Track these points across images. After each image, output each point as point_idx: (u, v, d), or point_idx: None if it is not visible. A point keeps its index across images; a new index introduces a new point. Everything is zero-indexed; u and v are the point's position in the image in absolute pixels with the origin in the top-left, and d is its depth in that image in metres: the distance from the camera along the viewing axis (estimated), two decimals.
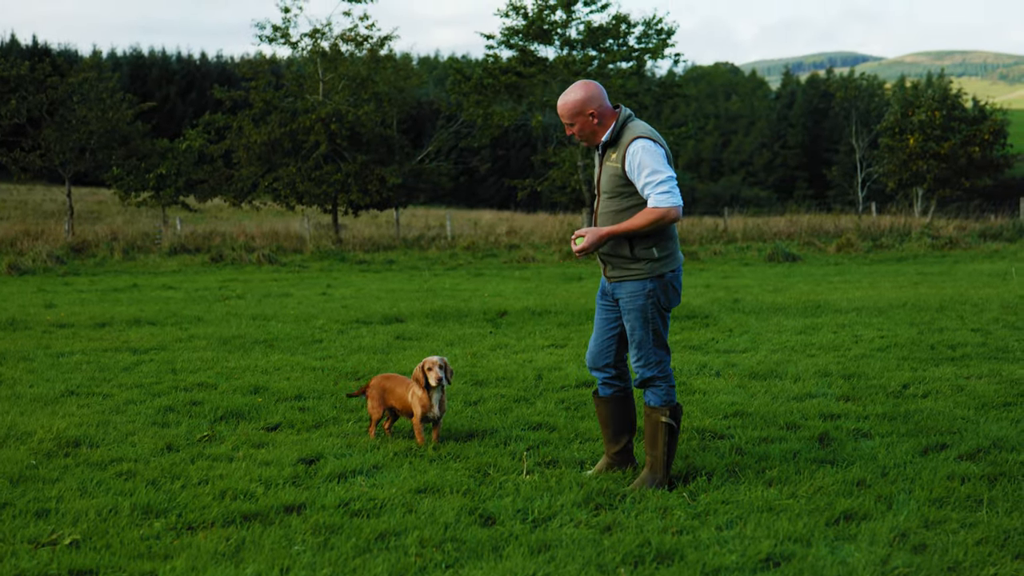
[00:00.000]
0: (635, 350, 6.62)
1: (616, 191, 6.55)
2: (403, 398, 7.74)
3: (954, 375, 10.01)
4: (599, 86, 6.63)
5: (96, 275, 26.01)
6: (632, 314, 6.58)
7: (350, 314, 15.85)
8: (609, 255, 6.61)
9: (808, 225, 39.36)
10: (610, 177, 6.56)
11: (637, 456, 7.18)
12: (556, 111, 6.04)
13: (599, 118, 6.57)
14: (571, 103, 6.55)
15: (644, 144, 6.42)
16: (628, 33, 41.96)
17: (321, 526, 5.72)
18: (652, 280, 6.53)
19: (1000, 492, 6.15)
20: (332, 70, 39.23)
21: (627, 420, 6.94)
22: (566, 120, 6.59)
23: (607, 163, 6.59)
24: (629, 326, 6.62)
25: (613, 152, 6.55)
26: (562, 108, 6.59)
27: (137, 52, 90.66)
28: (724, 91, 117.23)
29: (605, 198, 6.61)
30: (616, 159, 6.52)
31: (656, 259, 6.52)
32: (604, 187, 6.61)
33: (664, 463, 6.55)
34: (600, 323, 6.87)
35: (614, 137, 6.56)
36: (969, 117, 46.14)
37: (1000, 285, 19.65)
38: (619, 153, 6.50)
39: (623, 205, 6.52)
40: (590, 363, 6.93)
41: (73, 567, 5.12)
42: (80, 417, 8.51)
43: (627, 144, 6.47)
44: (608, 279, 6.71)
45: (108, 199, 53.52)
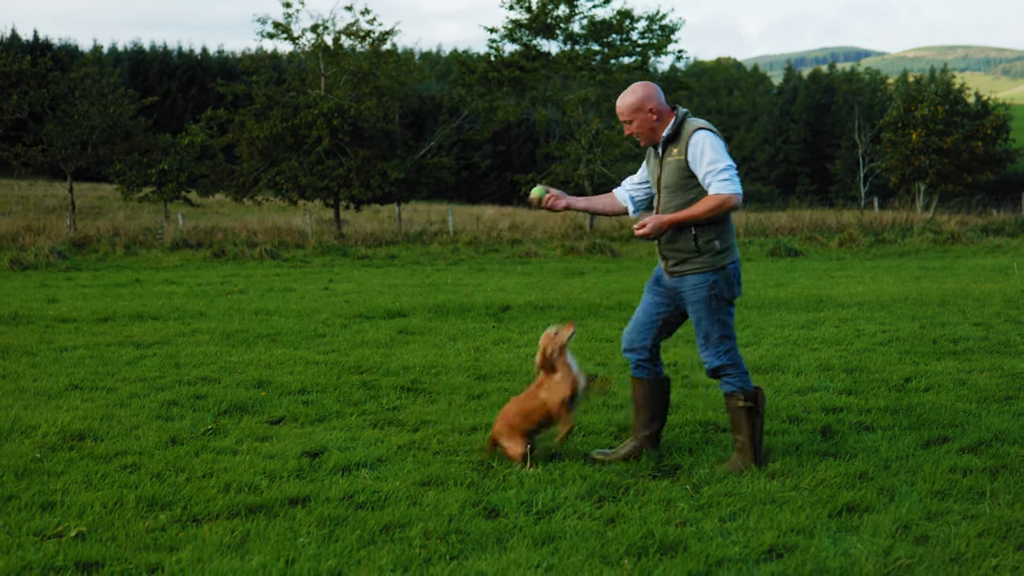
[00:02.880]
0: (702, 341, 6.80)
1: (680, 184, 6.72)
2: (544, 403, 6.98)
3: (956, 369, 10.03)
4: (656, 86, 6.85)
5: (98, 270, 26.03)
6: (697, 306, 6.76)
7: (352, 309, 15.87)
8: (673, 249, 6.77)
9: (810, 220, 39.35)
10: (673, 171, 6.74)
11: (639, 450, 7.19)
12: (561, 107, 6.08)
13: (658, 115, 6.76)
14: (631, 101, 6.75)
15: (706, 135, 6.66)
16: (631, 28, 41.97)
17: (326, 518, 5.75)
18: (714, 272, 6.73)
19: (1002, 484, 6.17)
20: (334, 65, 39.21)
21: (662, 405, 7.08)
22: (625, 117, 6.75)
23: (669, 158, 6.76)
24: (695, 318, 6.80)
25: (675, 147, 6.74)
26: (621, 106, 6.78)
27: (138, 47, 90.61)
28: (726, 86, 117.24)
29: (667, 193, 6.77)
30: (679, 152, 6.70)
31: (718, 251, 6.71)
32: (667, 182, 6.77)
33: (752, 445, 6.73)
34: (647, 306, 7.02)
35: (675, 132, 6.74)
36: (972, 112, 46.10)
37: (1002, 280, 19.66)
38: (681, 146, 6.70)
39: (687, 198, 6.71)
40: (626, 343, 7.07)
41: (79, 559, 5.14)
42: (84, 411, 8.54)
43: (689, 136, 6.67)
44: (670, 274, 6.86)
45: (110, 194, 53.57)
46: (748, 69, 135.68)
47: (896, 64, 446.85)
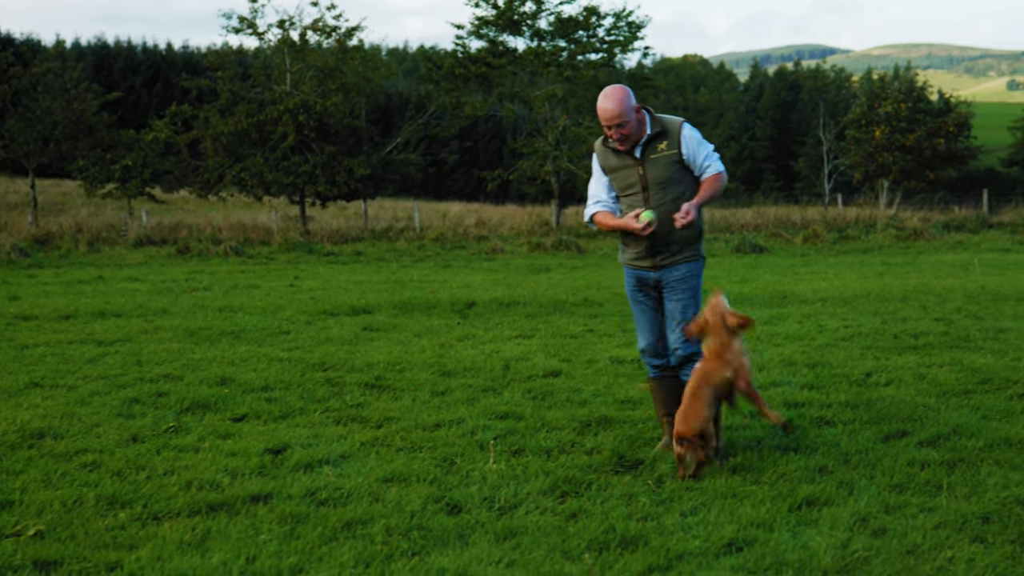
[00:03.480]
0: (675, 327, 6.91)
1: (674, 178, 6.83)
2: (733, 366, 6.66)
3: (916, 364, 10.12)
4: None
5: (61, 267, 25.83)
6: (686, 294, 6.92)
7: (318, 305, 15.83)
8: (672, 240, 6.85)
9: (775, 217, 39.54)
10: (666, 166, 6.82)
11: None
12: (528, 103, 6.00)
13: (640, 114, 6.83)
14: (626, 102, 6.72)
15: (691, 127, 6.91)
16: (598, 25, 42.01)
17: (287, 515, 5.74)
18: (702, 259, 7.02)
19: (959, 477, 6.23)
20: (300, 61, 39.05)
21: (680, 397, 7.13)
22: (622, 119, 6.70)
23: (655, 155, 6.82)
24: (680, 305, 6.90)
25: (662, 143, 6.82)
26: (618, 108, 6.69)
27: (102, 42, 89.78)
28: (693, 84, 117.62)
29: (660, 190, 6.83)
30: (669, 147, 6.81)
31: (703, 236, 7.01)
32: (659, 179, 6.82)
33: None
34: (650, 313, 7.13)
35: (661, 129, 6.81)
36: (934, 110, 46.44)
37: (963, 276, 19.84)
38: (672, 140, 6.81)
39: (679, 191, 6.85)
40: (652, 348, 7.14)
41: (37, 558, 5.11)
42: (44, 409, 8.48)
43: (678, 130, 6.83)
44: (656, 268, 6.94)
45: (73, 191, 53.05)
46: (714, 66, 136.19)
47: (861, 62, 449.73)
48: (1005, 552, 5.06)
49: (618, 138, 6.77)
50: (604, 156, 7.00)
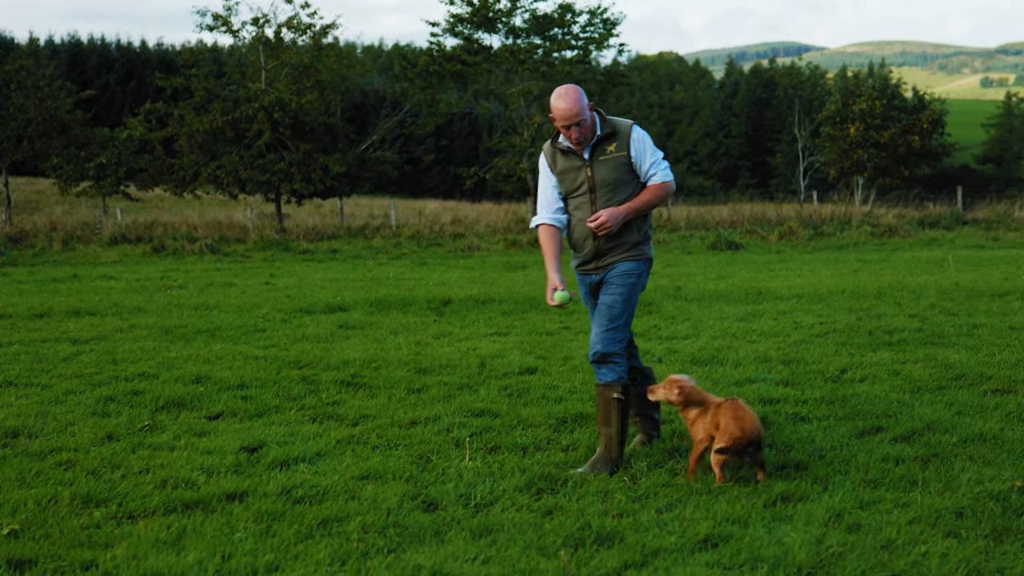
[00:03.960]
0: (606, 323, 6.73)
1: (622, 180, 6.72)
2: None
3: (891, 360, 10.17)
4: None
5: (35, 266, 25.68)
6: (620, 290, 6.75)
7: (293, 303, 15.79)
8: (615, 244, 6.75)
9: (751, 214, 39.67)
10: (614, 168, 6.71)
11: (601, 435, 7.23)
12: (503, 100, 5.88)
13: (592, 114, 6.74)
14: (581, 100, 6.60)
15: (642, 130, 6.80)
16: (573, 22, 42.05)
17: (263, 513, 5.73)
18: (645, 261, 6.85)
19: (933, 473, 6.27)
20: (274, 58, 38.96)
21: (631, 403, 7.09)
22: (580, 118, 6.58)
23: (604, 157, 6.71)
24: (611, 299, 6.74)
25: (611, 144, 6.72)
26: (576, 107, 6.57)
27: (75, 39, 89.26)
28: (668, 81, 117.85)
29: (607, 191, 6.72)
30: (618, 148, 6.71)
31: (649, 240, 6.88)
32: (606, 180, 6.71)
33: (619, 441, 6.67)
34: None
35: (610, 130, 6.72)
36: (909, 107, 46.72)
37: (937, 272, 19.96)
38: (621, 142, 6.71)
39: (626, 193, 6.73)
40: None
41: (12, 557, 5.09)
42: (18, 408, 8.44)
43: (628, 132, 6.73)
44: (599, 269, 6.84)
45: (47, 189, 52.79)
46: (690, 63, 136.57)
47: (836, 59, 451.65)
48: (979, 547, 5.09)
49: (577, 137, 6.64)
50: (553, 157, 6.87)
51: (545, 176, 6.92)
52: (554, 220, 6.89)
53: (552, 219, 6.89)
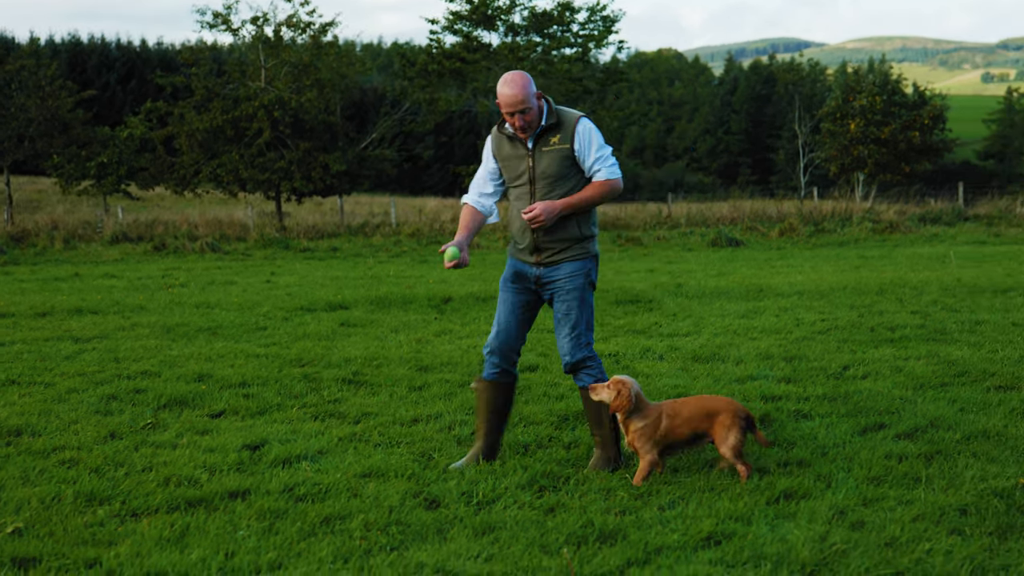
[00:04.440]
0: (570, 331, 6.61)
1: (562, 173, 6.52)
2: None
3: (893, 356, 10.17)
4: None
5: (36, 264, 25.69)
6: (572, 294, 6.60)
7: (294, 301, 15.79)
8: (554, 239, 6.56)
9: (751, 210, 39.67)
10: (555, 160, 6.50)
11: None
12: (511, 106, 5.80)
13: (540, 102, 6.55)
14: (528, 87, 6.42)
15: (590, 123, 6.59)
16: (572, 20, 42.06)
17: (266, 511, 5.73)
18: (590, 259, 6.67)
19: (936, 470, 6.27)
20: (274, 57, 38.97)
21: (511, 406, 6.93)
22: (525, 105, 6.39)
23: (547, 148, 6.51)
24: (566, 307, 6.60)
25: (555, 136, 6.51)
26: (522, 93, 6.38)
27: (76, 39, 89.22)
28: (668, 77, 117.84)
29: (547, 184, 6.52)
30: (562, 140, 6.50)
31: (593, 236, 6.68)
32: (547, 172, 6.51)
33: (613, 440, 6.62)
34: (513, 307, 6.73)
35: (555, 120, 6.53)
36: (909, 102, 46.71)
37: (939, 268, 19.95)
38: (565, 134, 6.51)
39: (567, 187, 6.53)
40: (501, 348, 6.73)
41: (16, 555, 5.09)
42: (21, 406, 8.44)
43: (574, 124, 6.52)
44: (541, 264, 6.62)
45: (48, 188, 52.81)
46: (689, 60, 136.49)
47: (835, 55, 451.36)
48: (983, 544, 5.09)
49: (521, 125, 6.45)
50: (498, 143, 6.67)
51: (486, 159, 6.79)
52: (477, 203, 6.78)
53: (476, 202, 6.78)
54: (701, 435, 6.32)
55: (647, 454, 6.24)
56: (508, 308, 6.74)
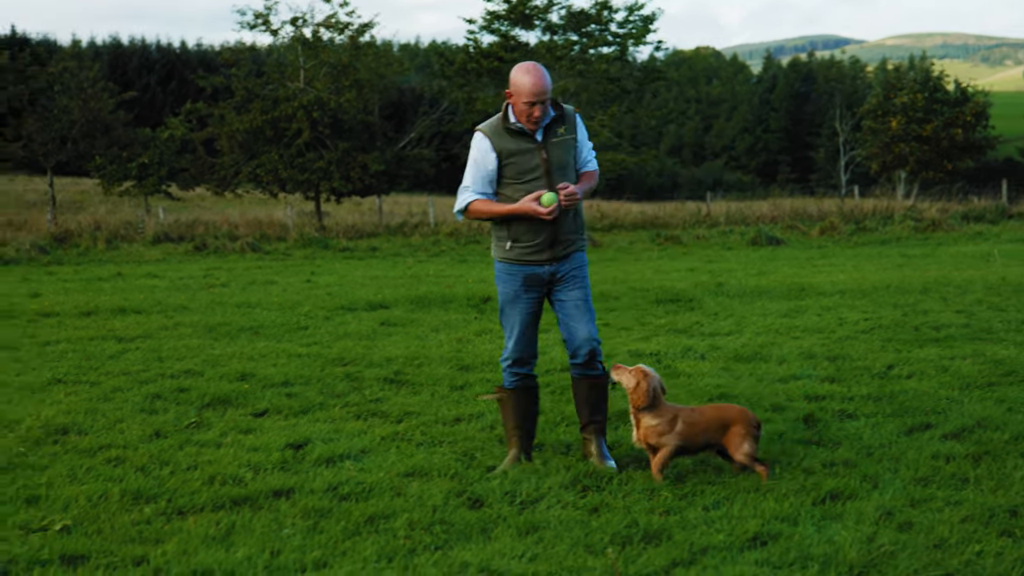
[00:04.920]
0: (589, 318, 6.68)
1: (569, 163, 6.60)
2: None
3: (938, 356, 10.07)
4: None
5: (80, 264, 25.92)
6: (583, 282, 6.72)
7: (335, 301, 15.85)
8: (567, 229, 6.60)
9: (791, 209, 39.43)
10: (565, 151, 6.57)
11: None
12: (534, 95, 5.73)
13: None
14: (547, 77, 6.43)
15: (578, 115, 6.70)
16: (610, 19, 41.98)
17: (310, 510, 5.75)
18: (585, 248, 6.81)
19: (985, 471, 6.20)
20: (313, 57, 39.12)
21: (538, 408, 6.97)
22: (547, 95, 6.40)
23: (557, 139, 6.54)
24: (582, 295, 6.68)
25: (561, 127, 6.57)
26: (543, 82, 6.37)
27: (116, 41, 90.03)
28: (705, 76, 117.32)
29: (560, 175, 6.54)
30: (567, 131, 6.57)
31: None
32: (559, 163, 6.54)
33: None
34: (530, 318, 6.71)
35: (560, 112, 6.60)
36: (951, 99, 46.28)
37: (983, 267, 19.75)
38: (569, 124, 6.59)
39: (570, 177, 6.62)
40: (523, 357, 6.72)
41: (64, 552, 5.13)
42: (68, 405, 8.51)
43: (573, 115, 6.64)
44: (555, 260, 6.60)
45: (90, 189, 53.22)
46: (727, 58, 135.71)
47: (875, 52, 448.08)
48: None
49: (539, 115, 6.42)
50: (500, 140, 6.50)
51: (481, 162, 6.54)
52: (486, 197, 6.60)
53: (485, 196, 6.59)
54: (713, 444, 6.31)
55: (665, 445, 6.23)
56: (525, 318, 6.69)
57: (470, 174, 6.58)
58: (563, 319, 6.72)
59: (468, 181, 6.58)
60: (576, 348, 6.69)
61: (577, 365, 6.77)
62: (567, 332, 6.72)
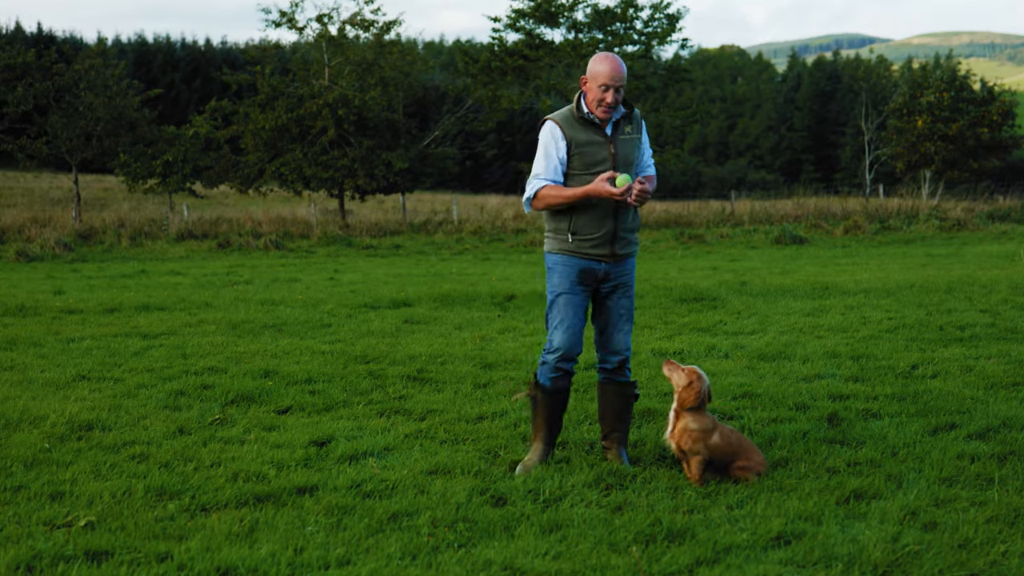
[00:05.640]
0: (629, 330, 6.71)
1: (634, 162, 6.59)
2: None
3: (963, 356, 10.01)
4: None
5: (104, 261, 26.06)
6: (631, 290, 6.71)
7: (358, 299, 15.88)
8: (627, 228, 6.59)
9: (815, 208, 39.29)
10: (631, 149, 6.56)
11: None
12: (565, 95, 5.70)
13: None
14: (624, 68, 6.44)
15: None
16: (635, 17, 41.90)
17: (333, 507, 5.76)
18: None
19: (1010, 471, 6.17)
20: (338, 55, 39.21)
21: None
22: (621, 83, 6.38)
23: (624, 136, 6.53)
24: (627, 303, 6.68)
25: (628, 125, 6.57)
26: (621, 69, 6.40)
27: (141, 39, 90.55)
28: (730, 74, 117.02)
29: (625, 171, 6.51)
30: (632, 131, 6.58)
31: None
32: (626, 160, 6.52)
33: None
34: (582, 311, 6.64)
35: (628, 110, 6.59)
36: (977, 98, 46.02)
37: (1008, 266, 19.63)
38: (635, 125, 6.61)
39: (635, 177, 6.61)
40: (573, 350, 6.60)
41: (89, 548, 5.15)
42: (92, 401, 8.55)
43: (640, 118, 6.65)
44: (616, 258, 6.56)
45: (115, 186, 53.58)
46: (752, 57, 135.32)
47: (901, 51, 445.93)
48: None
49: (612, 103, 6.39)
50: (573, 129, 6.47)
51: (552, 151, 6.49)
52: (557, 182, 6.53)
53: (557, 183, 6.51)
54: (727, 467, 6.25)
55: (697, 454, 6.18)
56: (576, 310, 6.60)
57: (541, 162, 6.52)
58: (604, 325, 6.70)
59: (539, 169, 6.52)
60: (611, 355, 6.71)
61: (607, 371, 6.77)
62: (605, 338, 6.71)
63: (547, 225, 6.71)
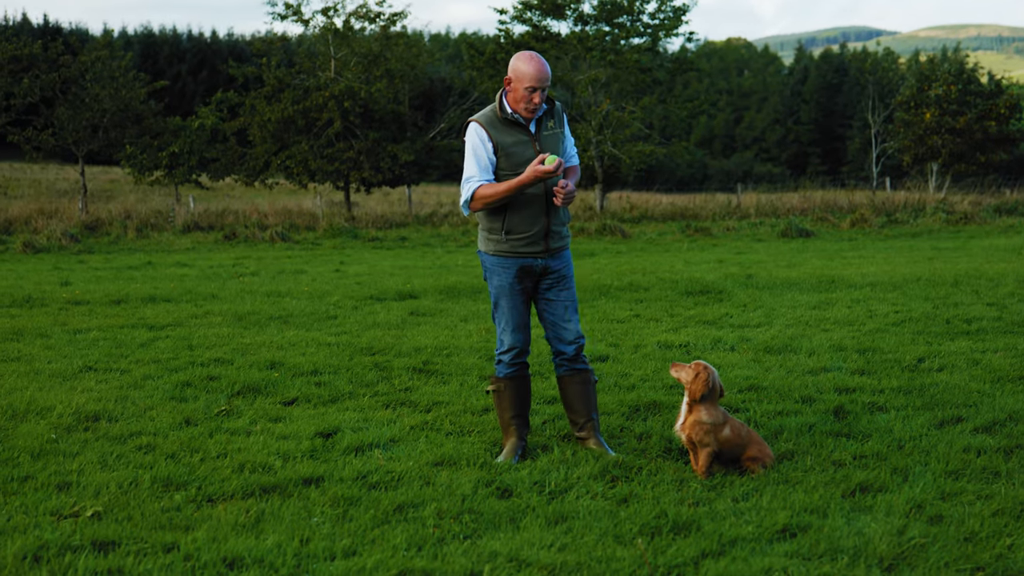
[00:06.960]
0: (574, 315, 6.80)
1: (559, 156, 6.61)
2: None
3: (969, 349, 10.00)
4: None
5: (110, 253, 26.08)
6: (571, 281, 6.81)
7: (364, 290, 15.89)
8: (559, 223, 6.67)
9: (821, 201, 39.22)
10: (555, 145, 6.62)
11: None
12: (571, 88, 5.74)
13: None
14: (548, 67, 6.46)
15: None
16: (642, 10, 41.80)
17: (339, 498, 5.77)
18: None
19: (1016, 464, 6.16)
20: (344, 47, 39.17)
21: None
22: (546, 83, 6.41)
23: (548, 133, 6.59)
24: (568, 293, 6.77)
25: (551, 120, 6.62)
26: (544, 69, 6.40)
27: (148, 30, 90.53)
28: (737, 67, 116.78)
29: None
30: (556, 125, 6.63)
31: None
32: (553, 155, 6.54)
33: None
34: (523, 309, 6.74)
35: (549, 105, 6.64)
36: (985, 92, 45.88)
37: (1015, 260, 19.59)
38: (557, 119, 6.65)
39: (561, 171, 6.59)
40: (523, 346, 6.74)
41: (95, 538, 5.17)
42: (99, 392, 8.57)
43: (562, 112, 6.69)
44: (547, 252, 6.63)
45: (121, 178, 53.57)
46: (759, 49, 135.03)
47: (908, 43, 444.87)
48: None
49: (537, 103, 6.42)
50: (498, 131, 6.49)
51: (480, 153, 6.49)
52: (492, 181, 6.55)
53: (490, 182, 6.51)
54: (736, 460, 6.27)
55: (706, 447, 6.17)
56: (520, 308, 6.72)
57: (472, 164, 6.52)
58: (552, 319, 6.79)
59: (472, 171, 6.51)
60: (568, 345, 6.79)
61: (567, 361, 6.83)
62: (556, 331, 6.79)
63: (481, 224, 6.76)
